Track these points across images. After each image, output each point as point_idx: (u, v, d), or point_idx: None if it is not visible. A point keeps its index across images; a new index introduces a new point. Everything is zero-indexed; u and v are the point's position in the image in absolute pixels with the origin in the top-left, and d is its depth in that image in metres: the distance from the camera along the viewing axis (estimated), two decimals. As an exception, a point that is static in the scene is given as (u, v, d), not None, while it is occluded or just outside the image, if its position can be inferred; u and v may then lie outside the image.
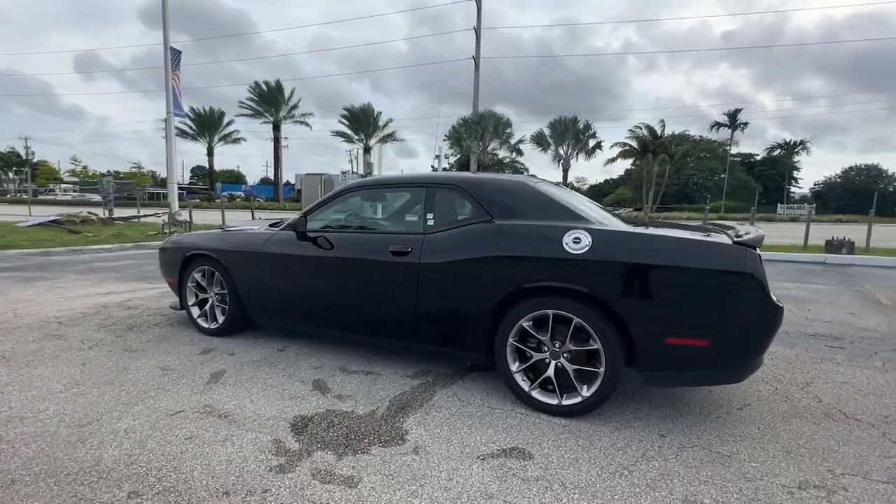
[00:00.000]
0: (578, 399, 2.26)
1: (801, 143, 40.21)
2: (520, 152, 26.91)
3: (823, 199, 54.56)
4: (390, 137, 30.28)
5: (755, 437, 2.16)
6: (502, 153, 27.82)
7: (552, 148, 26.97)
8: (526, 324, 2.36)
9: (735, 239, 2.09)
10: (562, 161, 26.76)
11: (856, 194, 48.79)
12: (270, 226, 3.50)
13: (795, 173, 53.90)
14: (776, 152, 43.27)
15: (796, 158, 41.43)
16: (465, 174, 2.88)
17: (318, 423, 2.24)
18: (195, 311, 3.63)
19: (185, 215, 12.37)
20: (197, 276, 3.57)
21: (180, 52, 13.87)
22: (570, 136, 25.91)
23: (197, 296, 3.65)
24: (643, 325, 2.11)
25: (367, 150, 29.68)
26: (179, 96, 13.71)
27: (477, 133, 24.46)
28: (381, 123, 30.48)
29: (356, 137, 30.73)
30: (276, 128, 33.06)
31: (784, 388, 2.77)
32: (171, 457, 1.91)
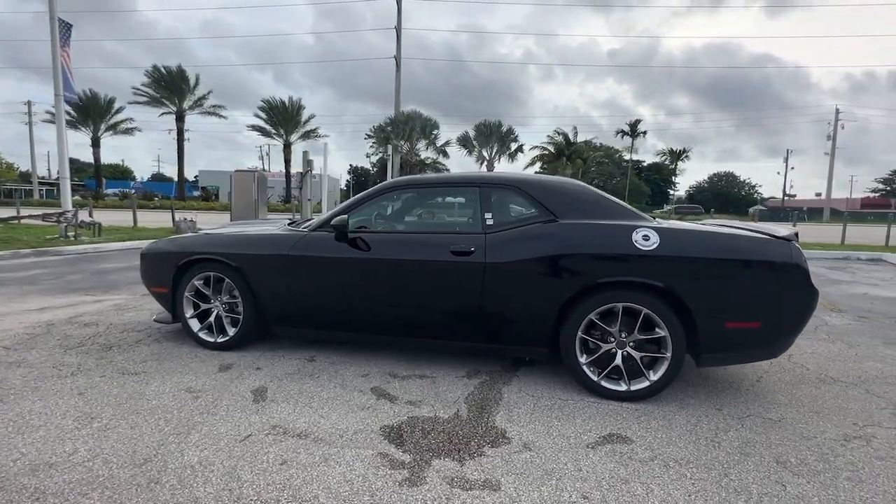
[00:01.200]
0: (646, 384, 2.46)
1: (684, 151, 46.43)
2: (445, 154, 27.43)
3: (695, 200, 63.65)
4: (313, 134, 28.67)
5: (786, 403, 2.55)
6: (427, 154, 28.10)
7: (476, 150, 27.88)
8: (595, 317, 2.50)
9: (780, 235, 2.44)
10: (486, 163, 27.76)
11: (718, 196, 57.75)
12: (289, 225, 3.22)
13: (674, 178, 62.19)
14: (664, 159, 49.39)
15: (682, 165, 47.83)
16: (519, 174, 2.95)
17: (410, 431, 2.15)
18: (194, 324, 3.21)
19: (85, 216, 10.58)
20: (198, 283, 3.16)
21: (71, 26, 11.77)
22: (494, 139, 27.03)
23: (197, 306, 3.22)
24: (707, 312, 2.37)
25: (287, 146, 27.77)
26: (71, 77, 11.65)
27: (404, 133, 24.39)
28: (303, 119, 28.65)
29: (275, 133, 28.56)
30: (180, 118, 29.29)
31: (776, 361, 3.27)
32: (279, 485, 1.72)
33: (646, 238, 2.44)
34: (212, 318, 3.20)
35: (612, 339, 2.52)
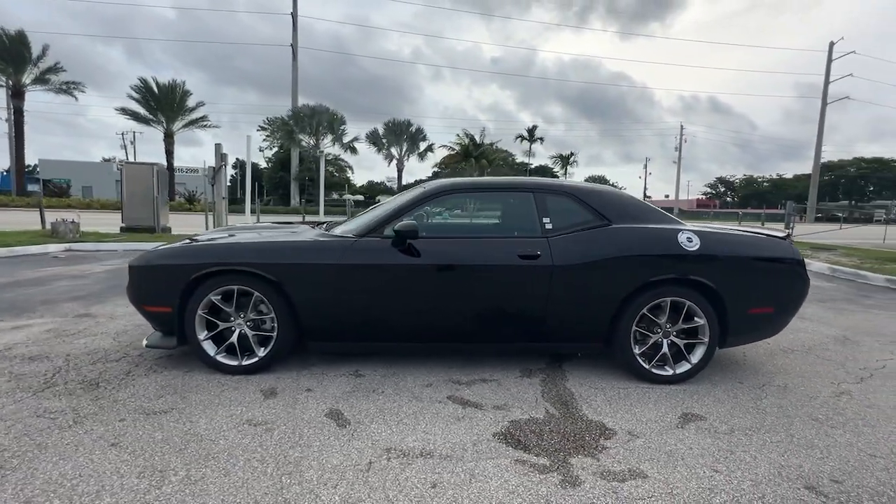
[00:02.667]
0: (688, 367, 2.82)
1: (572, 155, 51.52)
2: (354, 150, 26.56)
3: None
4: (199, 122, 25.11)
5: (778, 372, 3.12)
6: (333, 150, 26.91)
7: (385, 148, 27.55)
8: (646, 311, 2.79)
9: (781, 235, 2.98)
10: (394, 160, 27.61)
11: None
12: (322, 228, 2.93)
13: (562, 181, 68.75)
14: (556, 163, 54.24)
15: (571, 169, 52.97)
16: (569, 182, 3.10)
17: (523, 435, 2.18)
18: (209, 347, 2.75)
19: None
20: (215, 299, 2.71)
21: None
22: (406, 138, 26.97)
23: (211, 326, 2.77)
24: (735, 301, 2.80)
25: (169, 135, 23.97)
26: None
27: (311, 127, 23.04)
28: (189, 105, 24.82)
29: (153, 119, 24.32)
30: (18, 94, 23.05)
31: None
32: (451, 508, 1.63)
33: (689, 240, 2.79)
34: (234, 339, 2.78)
35: (659, 330, 2.84)
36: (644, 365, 2.82)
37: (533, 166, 67.01)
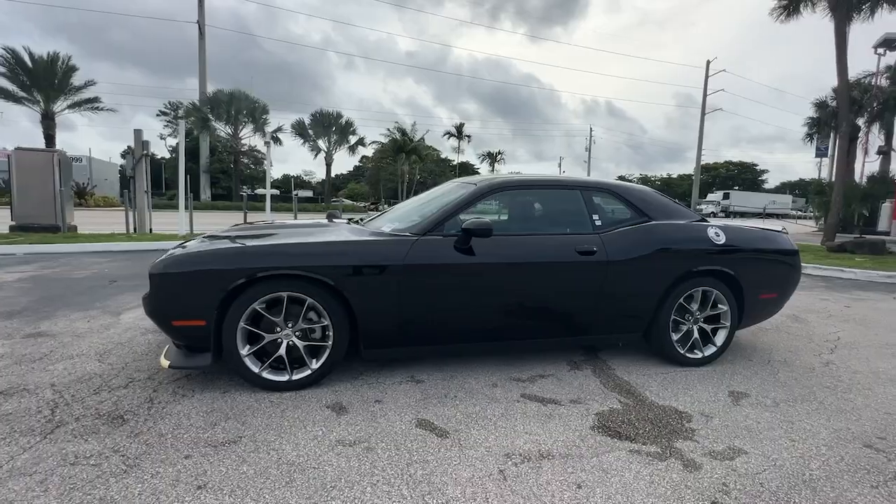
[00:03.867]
0: (714, 350, 3.12)
1: (500, 153, 53.18)
2: (278, 141, 24.73)
3: (495, 196, 73.77)
4: (90, 104, 21.20)
5: (771, 348, 3.57)
6: (252, 140, 24.88)
7: (312, 140, 26.07)
8: (682, 300, 3.02)
9: (779, 230, 3.40)
10: (324, 154, 26.26)
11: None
12: (354, 223, 2.70)
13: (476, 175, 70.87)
14: (483, 160, 55.56)
15: (498, 166, 54.61)
16: (609, 180, 3.20)
17: (617, 426, 2.24)
18: (252, 364, 2.42)
19: None
20: (260, 308, 2.39)
21: None
22: (336, 131, 25.75)
23: (253, 339, 2.44)
24: (751, 288, 3.14)
25: (48, 117, 19.94)
26: None
27: (228, 115, 21.02)
28: (75, 83, 20.76)
29: (27, 98, 19.97)
30: None
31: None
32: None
33: (717, 234, 3.07)
34: (282, 351, 2.47)
35: (690, 318, 3.09)
36: (680, 350, 3.05)
37: (455, 162, 68.33)
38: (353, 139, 26.60)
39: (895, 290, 6.40)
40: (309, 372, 2.50)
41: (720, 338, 3.14)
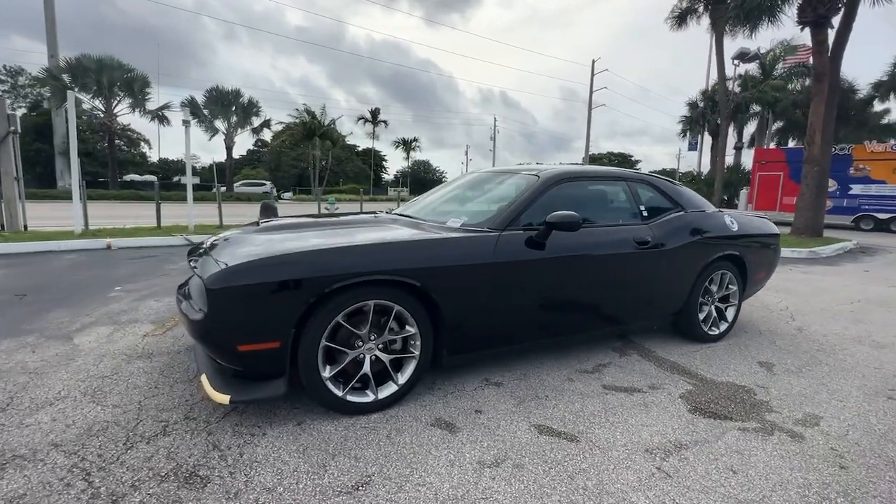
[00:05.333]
0: (726, 326, 3.47)
1: (415, 139, 52.23)
2: (164, 120, 21.28)
3: (401, 183, 73.35)
4: None
5: (759, 321, 4.08)
6: (132, 117, 21.17)
7: (209, 120, 22.98)
8: (707, 284, 3.29)
9: (763, 216, 3.85)
10: (222, 136, 23.33)
11: (419, 181, 68.65)
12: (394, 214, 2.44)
13: (384, 164, 69.69)
14: (397, 147, 54.18)
15: (414, 154, 53.57)
16: (643, 172, 3.29)
17: (706, 406, 2.37)
18: (335, 387, 2.06)
19: None
20: (342, 320, 2.03)
21: None
22: (235, 110, 22.95)
23: (332, 358, 2.07)
24: (752, 269, 3.54)
25: None
26: None
27: (100, 86, 17.56)
28: None
29: None
30: None
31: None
32: (778, 484, 1.72)
33: (731, 222, 3.39)
34: (367, 368, 2.14)
35: (710, 299, 3.39)
36: (703, 328, 3.33)
37: (360, 149, 66.17)
38: (256, 120, 24.07)
39: (784, 262, 7.76)
40: (395, 388, 2.21)
41: (730, 314, 3.50)
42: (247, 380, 2.02)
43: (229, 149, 23.72)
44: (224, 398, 1.93)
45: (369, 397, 2.15)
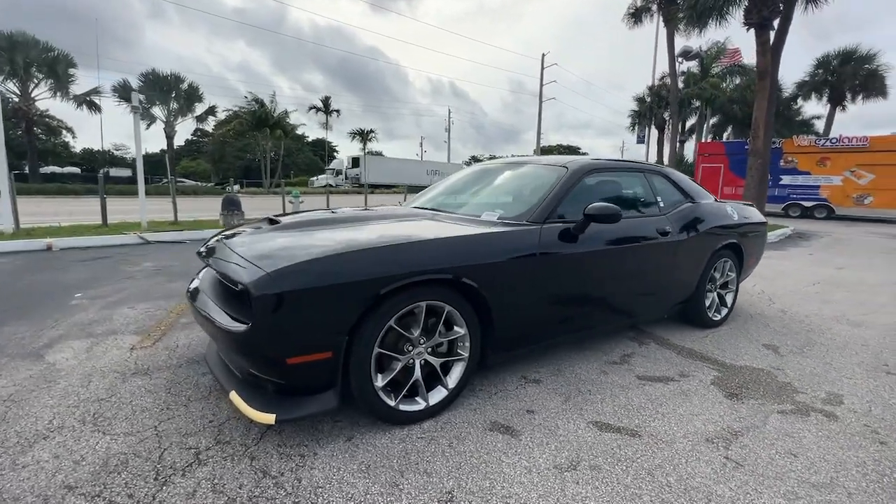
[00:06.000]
0: (726, 311, 3.62)
1: (372, 131, 50.60)
2: (93, 107, 19.15)
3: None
4: None
5: (743, 304, 4.31)
6: (53, 102, 18.90)
7: (145, 106, 20.96)
8: (713, 272, 3.40)
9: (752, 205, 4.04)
10: (161, 125, 21.41)
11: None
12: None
13: (336, 154, 67.58)
14: (353, 138, 52.34)
15: (371, 145, 51.78)
16: (657, 164, 3.30)
17: (739, 392, 2.44)
18: (387, 397, 1.90)
19: None
20: (395, 325, 1.87)
21: None
22: (175, 96, 21.09)
23: (383, 366, 1.91)
24: (747, 256, 3.71)
25: None
26: None
27: (14, 66, 15.51)
28: None
29: None
30: None
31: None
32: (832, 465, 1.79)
33: (732, 212, 3.52)
34: (418, 374, 1.99)
35: (713, 286, 3.51)
36: (709, 314, 3.46)
37: (310, 139, 63.74)
38: (200, 108, 22.26)
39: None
40: (445, 393, 2.08)
41: (729, 300, 3.66)
42: (287, 395, 1.81)
43: (170, 138, 21.80)
44: (268, 418, 1.71)
45: (420, 405, 2.01)
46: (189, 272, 4.96)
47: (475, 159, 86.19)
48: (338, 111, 40.72)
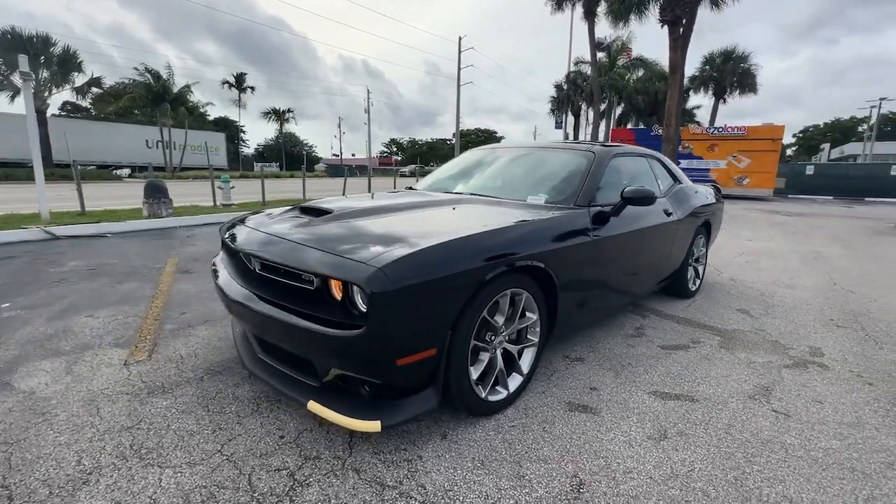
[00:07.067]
0: (699, 282, 4.04)
1: (290, 110, 46.58)
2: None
3: (265, 157, 66.64)
4: None
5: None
6: None
7: (3, 75, 17.09)
8: (692, 247, 3.77)
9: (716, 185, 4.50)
10: (18, 95, 17.66)
11: (287, 155, 63.11)
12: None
13: (243, 135, 61.99)
14: (270, 119, 47.86)
15: (288, 126, 47.72)
16: (648, 149, 3.50)
17: (747, 353, 2.75)
18: (478, 390, 1.84)
19: None
20: (486, 313, 1.81)
21: None
22: (45, 62, 17.41)
23: (477, 354, 1.84)
24: (714, 231, 4.16)
25: None
26: None
27: None
28: None
29: None
30: None
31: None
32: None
33: (706, 193, 3.90)
34: (500, 363, 1.95)
35: (692, 260, 3.90)
36: (691, 285, 3.84)
37: (212, 118, 57.66)
38: (79, 79, 18.57)
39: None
40: (521, 380, 2.08)
41: (701, 272, 4.10)
42: (384, 398, 1.68)
43: (41, 113, 17.97)
44: (373, 425, 1.57)
45: (502, 393, 1.99)
46: (138, 270, 4.30)
47: (394, 142, 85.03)
48: (252, 88, 37.26)
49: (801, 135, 71.66)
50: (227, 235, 2.28)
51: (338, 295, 1.62)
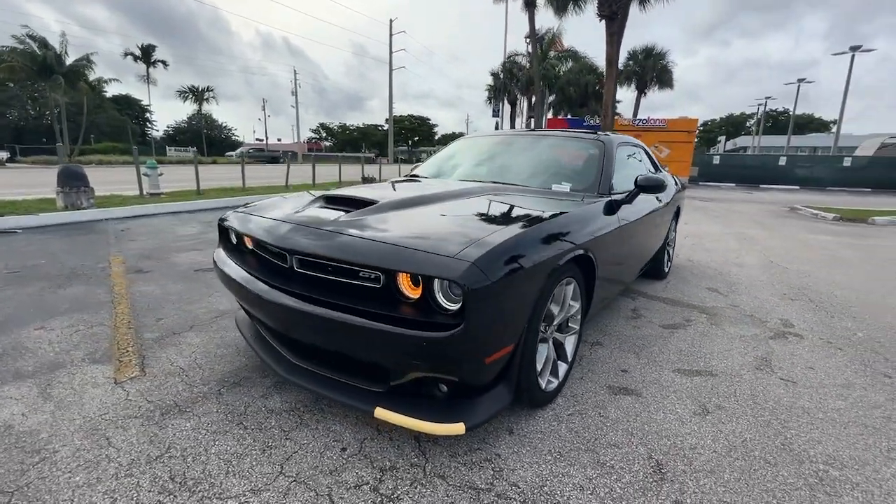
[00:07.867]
0: (671, 265, 4.35)
1: (209, 89, 41.88)
2: None
3: (177, 141, 60.54)
4: None
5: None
6: None
7: None
8: (671, 231, 4.03)
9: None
10: None
11: (199, 136, 57.76)
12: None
13: (150, 116, 55.63)
14: (187, 99, 42.72)
15: (207, 106, 42.86)
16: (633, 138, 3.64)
17: (735, 327, 3.01)
18: (541, 381, 1.82)
19: None
20: (550, 305, 1.78)
21: None
22: None
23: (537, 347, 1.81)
24: (681, 215, 4.48)
25: None
26: None
27: None
28: None
29: None
30: None
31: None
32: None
33: (676, 181, 4.18)
34: (553, 353, 1.94)
35: (666, 243, 4.17)
36: (664, 268, 4.12)
37: (111, 95, 51.05)
38: None
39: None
40: (566, 367, 2.09)
41: (672, 254, 4.41)
42: (448, 400, 1.59)
43: None
44: (457, 428, 1.49)
45: (554, 383, 1.98)
46: (78, 272, 3.71)
47: (324, 126, 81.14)
48: (164, 62, 33.30)
49: (701, 128, 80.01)
50: (240, 227, 2.02)
51: (411, 292, 1.50)
